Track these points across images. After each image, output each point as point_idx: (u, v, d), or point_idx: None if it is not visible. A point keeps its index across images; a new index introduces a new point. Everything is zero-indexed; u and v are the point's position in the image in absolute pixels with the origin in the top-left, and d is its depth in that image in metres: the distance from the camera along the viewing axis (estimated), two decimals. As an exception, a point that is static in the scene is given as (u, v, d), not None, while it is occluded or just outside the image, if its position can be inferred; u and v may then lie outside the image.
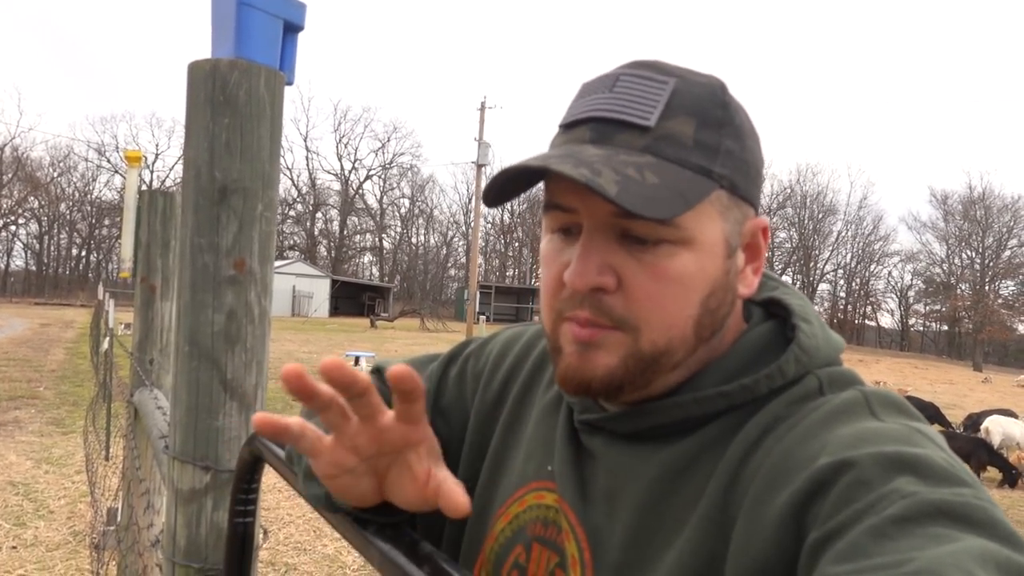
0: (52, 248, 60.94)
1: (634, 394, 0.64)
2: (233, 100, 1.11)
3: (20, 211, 57.59)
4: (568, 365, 0.63)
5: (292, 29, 1.24)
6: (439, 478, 0.58)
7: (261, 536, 1.19)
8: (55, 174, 58.90)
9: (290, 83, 1.23)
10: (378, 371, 0.89)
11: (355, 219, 68.00)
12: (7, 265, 58.44)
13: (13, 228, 58.06)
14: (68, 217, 60.44)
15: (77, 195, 60.21)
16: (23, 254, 59.71)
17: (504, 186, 0.63)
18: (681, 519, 0.59)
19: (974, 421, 12.28)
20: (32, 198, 57.49)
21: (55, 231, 60.47)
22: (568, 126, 0.64)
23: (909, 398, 13.92)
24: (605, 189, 0.55)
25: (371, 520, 0.63)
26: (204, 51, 1.26)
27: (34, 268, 59.38)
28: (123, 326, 8.97)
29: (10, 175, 55.21)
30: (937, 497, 0.45)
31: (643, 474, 0.63)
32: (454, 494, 0.56)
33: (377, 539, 0.59)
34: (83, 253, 62.02)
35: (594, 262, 0.60)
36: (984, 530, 0.43)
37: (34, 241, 59.53)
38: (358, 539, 0.62)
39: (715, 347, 0.65)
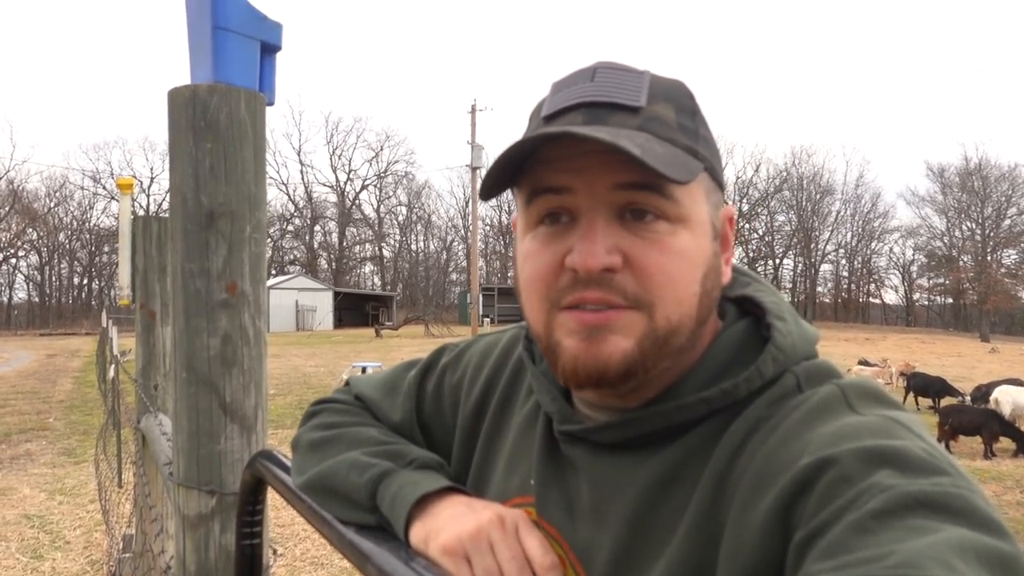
0: (53, 278, 61.07)
1: (635, 382, 0.62)
2: (214, 124, 1.12)
3: (19, 243, 57.73)
4: (575, 356, 0.61)
5: (270, 50, 1.25)
6: None
7: (271, 556, 1.20)
8: (52, 204, 59.10)
9: (271, 103, 1.24)
10: (357, 388, 0.91)
11: (354, 230, 68.08)
12: (10, 298, 58.60)
13: (13, 261, 58.24)
14: (68, 246, 60.58)
15: (75, 224, 60.39)
16: (25, 286, 59.91)
17: (503, 171, 0.62)
18: (670, 529, 0.59)
19: (983, 393, 12.26)
20: (30, 230, 57.66)
21: (55, 261, 60.59)
22: (554, 115, 0.63)
23: (916, 374, 13.85)
24: (630, 150, 0.55)
25: None
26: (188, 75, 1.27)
27: (37, 299, 59.51)
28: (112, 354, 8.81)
29: (7, 208, 55.36)
30: (916, 489, 0.45)
31: (629, 485, 0.63)
32: None
33: (374, 555, 0.60)
34: (84, 281, 62.17)
35: (600, 242, 0.59)
36: (963, 519, 0.44)
37: (35, 272, 59.68)
38: (356, 556, 0.62)
39: (697, 348, 0.65)
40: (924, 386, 13.09)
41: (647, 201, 0.60)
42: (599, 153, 0.59)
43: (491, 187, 0.64)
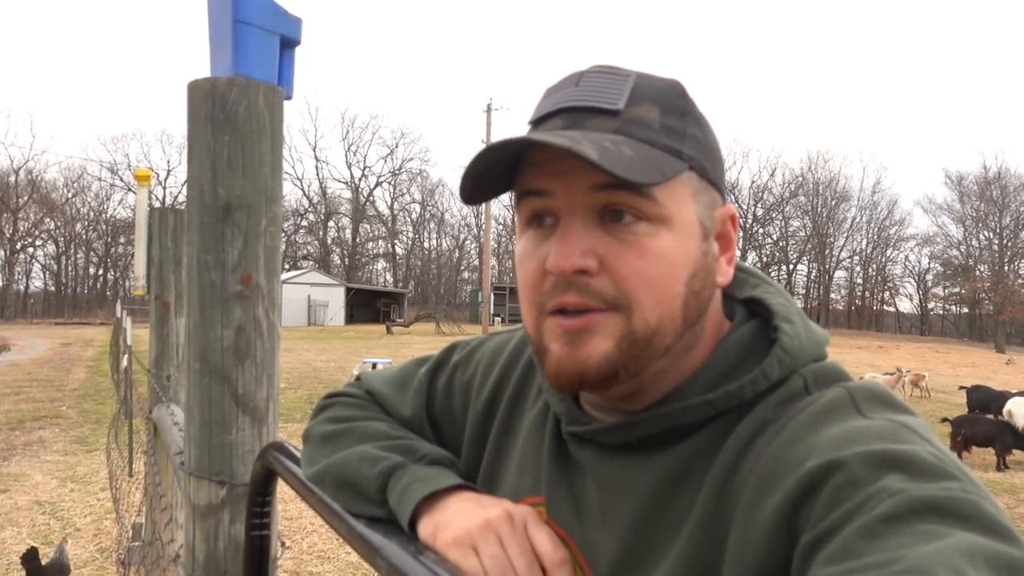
0: (70, 268, 61.69)
1: (627, 384, 0.63)
2: (233, 117, 1.12)
3: (37, 233, 58.36)
4: (558, 360, 0.62)
5: (289, 44, 1.25)
6: None
7: (280, 548, 1.20)
8: (69, 195, 59.68)
9: (289, 98, 1.24)
10: (367, 384, 0.92)
11: (367, 226, 68.31)
12: (27, 287, 59.24)
13: (31, 250, 58.86)
14: (84, 237, 61.15)
15: (92, 215, 60.97)
16: (42, 275, 60.55)
17: (482, 177, 0.63)
18: (675, 530, 0.59)
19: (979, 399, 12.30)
20: (48, 220, 58.25)
21: (72, 251, 61.20)
22: (538, 121, 0.65)
23: (977, 387, 13.23)
24: (587, 154, 0.55)
25: None
26: (208, 68, 1.28)
27: (53, 289, 60.14)
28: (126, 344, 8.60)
29: (25, 198, 55.96)
30: (925, 493, 0.45)
31: (635, 487, 0.63)
32: None
33: (384, 548, 0.60)
34: (100, 271, 62.73)
35: (576, 244, 0.60)
36: (972, 524, 0.43)
37: (52, 262, 60.31)
38: (365, 549, 0.62)
39: (700, 350, 0.65)
40: (987, 400, 12.57)
41: (625, 201, 0.60)
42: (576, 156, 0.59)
43: (481, 191, 0.65)
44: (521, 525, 0.61)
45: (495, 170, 0.63)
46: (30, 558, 3.73)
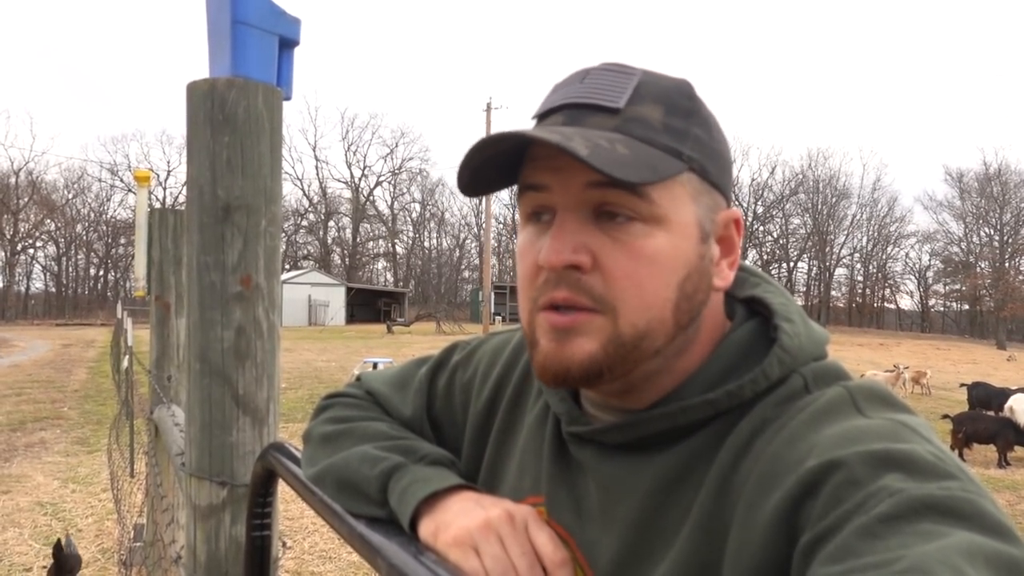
0: (70, 269, 61.70)
1: (614, 383, 0.63)
2: (232, 118, 1.12)
3: (37, 234, 58.39)
4: (545, 355, 0.62)
5: (288, 45, 1.25)
6: None
7: (281, 548, 1.20)
8: (70, 196, 59.71)
9: (288, 98, 1.24)
10: (368, 384, 0.91)
11: (367, 226, 68.31)
12: (27, 288, 59.25)
13: (31, 251, 58.89)
14: (85, 238, 61.16)
15: (92, 216, 60.98)
16: (42, 276, 60.58)
17: (480, 170, 0.63)
18: (675, 530, 0.59)
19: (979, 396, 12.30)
20: (48, 221, 58.28)
21: (72, 252, 61.19)
22: (541, 116, 0.65)
23: (977, 384, 13.27)
24: (577, 151, 0.55)
25: None
26: (207, 68, 1.28)
27: (54, 290, 60.15)
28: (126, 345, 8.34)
29: (26, 199, 55.98)
30: (924, 492, 0.45)
31: (636, 487, 0.63)
32: None
33: (384, 549, 0.60)
34: (101, 272, 62.76)
35: (568, 240, 0.60)
36: (972, 523, 0.43)
37: (52, 263, 60.31)
38: (366, 550, 0.62)
39: (699, 350, 0.65)
40: (988, 397, 12.53)
41: (620, 200, 0.60)
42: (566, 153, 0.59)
43: (481, 184, 0.65)
44: (522, 525, 0.61)
45: (495, 163, 0.63)
46: (59, 548, 3.84)
